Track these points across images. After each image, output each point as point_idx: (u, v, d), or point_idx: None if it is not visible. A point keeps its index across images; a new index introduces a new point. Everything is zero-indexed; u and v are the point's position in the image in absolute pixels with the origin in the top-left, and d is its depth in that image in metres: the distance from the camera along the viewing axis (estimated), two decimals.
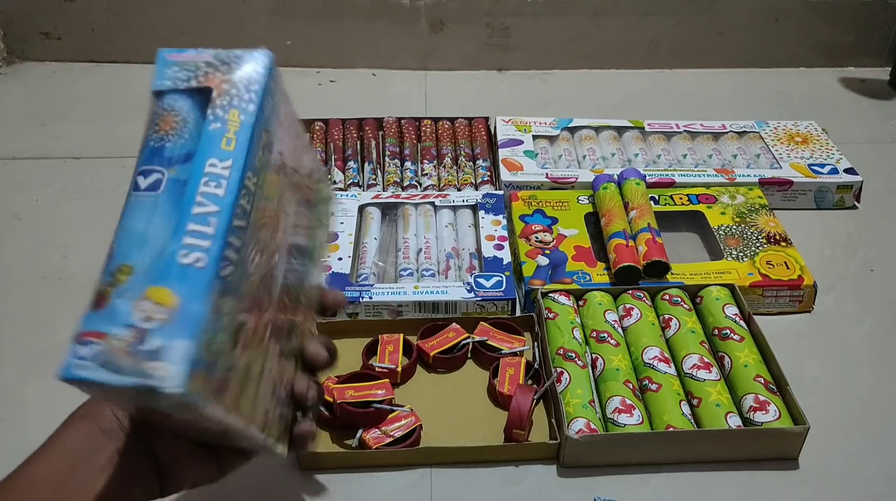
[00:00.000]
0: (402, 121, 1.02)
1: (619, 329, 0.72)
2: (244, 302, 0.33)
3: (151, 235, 0.32)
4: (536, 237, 0.83)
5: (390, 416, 0.63)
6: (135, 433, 0.40)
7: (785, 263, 0.79)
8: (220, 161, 0.32)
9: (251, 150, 0.33)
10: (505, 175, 0.92)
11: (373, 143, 0.99)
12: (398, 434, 0.62)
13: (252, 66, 0.35)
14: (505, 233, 0.83)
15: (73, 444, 0.38)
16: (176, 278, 0.30)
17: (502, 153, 0.96)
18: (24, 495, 0.36)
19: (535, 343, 0.72)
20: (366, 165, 0.96)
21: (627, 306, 0.74)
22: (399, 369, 0.68)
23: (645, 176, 0.88)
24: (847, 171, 0.93)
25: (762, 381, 0.65)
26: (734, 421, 0.63)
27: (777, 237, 0.83)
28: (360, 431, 0.62)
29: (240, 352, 0.33)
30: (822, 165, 0.94)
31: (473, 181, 0.93)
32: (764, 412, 0.63)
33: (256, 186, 0.34)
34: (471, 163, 0.97)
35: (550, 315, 0.72)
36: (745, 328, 0.71)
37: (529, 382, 0.69)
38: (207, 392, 0.30)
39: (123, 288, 0.31)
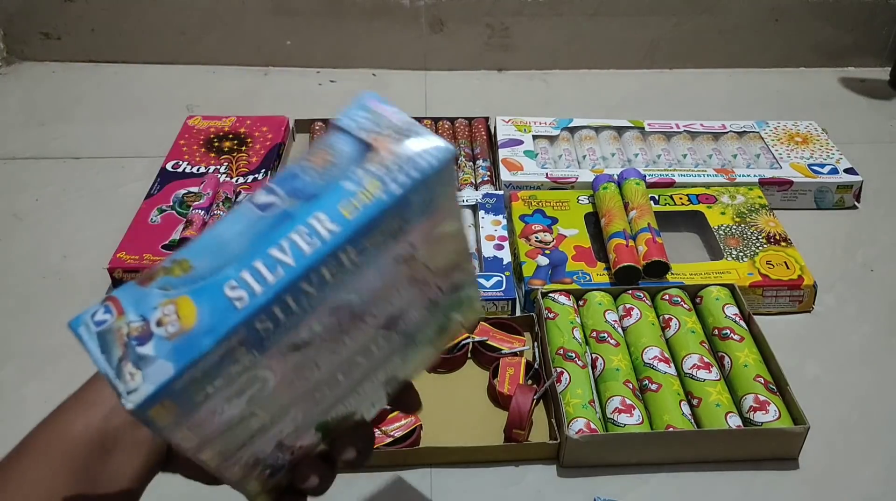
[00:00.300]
0: None
1: (619, 329, 0.72)
2: (274, 361, 0.31)
3: (229, 249, 0.30)
4: (536, 237, 0.83)
5: (390, 416, 0.63)
6: None
7: (785, 263, 0.79)
8: (328, 220, 0.30)
9: (367, 228, 0.30)
10: (505, 175, 0.92)
11: None
12: (398, 434, 0.62)
13: (426, 150, 0.31)
14: (505, 233, 0.83)
15: (111, 397, 0.38)
16: (208, 302, 0.29)
17: (502, 153, 0.96)
18: (61, 445, 0.36)
19: (535, 343, 0.72)
20: None
21: (627, 306, 0.74)
22: None
23: (645, 176, 0.88)
24: (847, 171, 0.93)
25: (762, 381, 0.65)
26: (734, 421, 0.63)
27: (777, 237, 0.83)
28: None
29: (244, 404, 0.32)
30: (822, 165, 0.94)
31: (473, 181, 0.93)
32: (764, 412, 0.63)
33: (354, 264, 0.31)
34: (471, 163, 0.97)
35: (550, 315, 0.72)
36: (745, 328, 0.71)
37: (529, 382, 0.69)
38: (167, 421, 0.29)
39: (170, 280, 0.30)
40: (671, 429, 0.62)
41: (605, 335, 0.70)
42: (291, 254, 0.29)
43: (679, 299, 0.74)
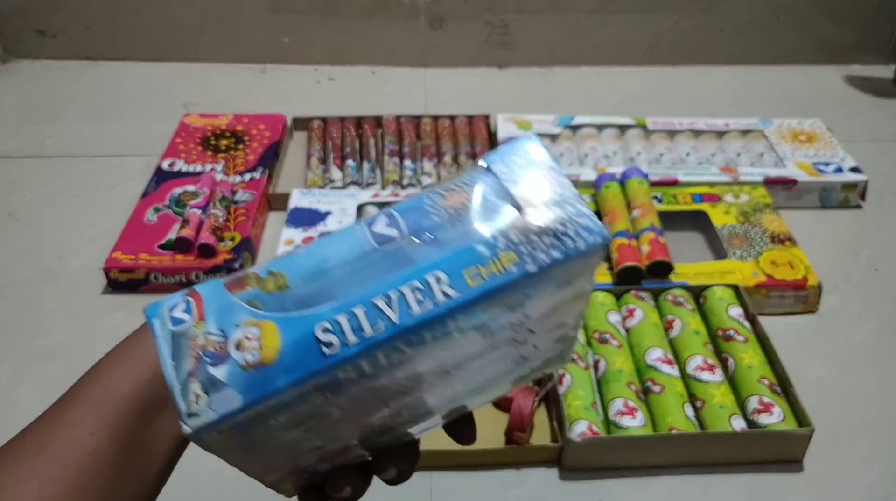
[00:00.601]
0: (402, 119, 1.01)
1: (622, 330, 0.71)
2: (343, 400, 0.29)
3: (331, 278, 0.27)
4: None
5: None
6: None
7: (789, 263, 0.79)
8: (447, 284, 0.27)
9: (486, 300, 0.27)
10: None
11: (372, 141, 0.98)
12: None
13: (577, 230, 0.27)
14: None
15: (151, 354, 0.36)
16: (295, 337, 0.26)
17: None
18: (108, 404, 0.35)
19: None
20: (364, 163, 0.95)
21: (630, 306, 0.73)
22: None
23: (648, 175, 0.87)
24: (852, 169, 0.92)
25: (766, 382, 0.65)
26: (738, 423, 0.62)
27: (781, 237, 0.82)
28: None
29: (301, 432, 0.30)
30: (827, 164, 0.93)
31: None
32: (768, 414, 0.62)
33: (459, 330, 0.28)
34: (471, 161, 0.96)
35: None
36: (750, 328, 0.70)
37: (531, 384, 0.68)
38: (220, 444, 0.28)
39: (260, 295, 0.27)
40: (675, 432, 0.61)
41: (608, 336, 0.69)
42: (398, 310, 0.27)
43: (682, 299, 0.73)
